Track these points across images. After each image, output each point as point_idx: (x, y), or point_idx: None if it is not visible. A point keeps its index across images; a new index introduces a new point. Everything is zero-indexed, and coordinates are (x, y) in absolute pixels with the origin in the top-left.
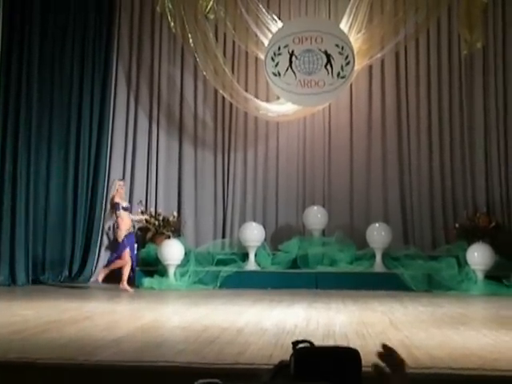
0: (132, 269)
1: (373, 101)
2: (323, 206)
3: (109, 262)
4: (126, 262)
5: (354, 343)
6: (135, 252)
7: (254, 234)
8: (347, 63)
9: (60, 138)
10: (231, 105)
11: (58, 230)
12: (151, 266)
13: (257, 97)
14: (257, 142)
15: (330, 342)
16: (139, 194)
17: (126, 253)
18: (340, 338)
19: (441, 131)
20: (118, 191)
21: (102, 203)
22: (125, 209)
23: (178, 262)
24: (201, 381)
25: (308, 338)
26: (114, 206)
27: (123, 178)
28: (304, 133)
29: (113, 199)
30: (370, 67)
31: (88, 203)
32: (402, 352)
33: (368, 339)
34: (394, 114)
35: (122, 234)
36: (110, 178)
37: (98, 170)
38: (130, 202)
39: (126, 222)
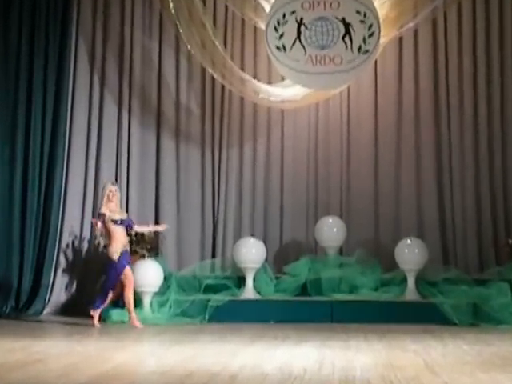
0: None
1: (403, 82)
2: (340, 217)
3: (104, 290)
4: (130, 284)
5: None
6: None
7: (252, 252)
8: (371, 34)
9: (4, 131)
10: (223, 87)
11: (2, 248)
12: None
13: (256, 77)
14: (256, 135)
15: None
16: None
17: (128, 271)
18: None
19: (490, 122)
20: (109, 199)
21: (58, 213)
22: (116, 222)
23: (156, 288)
24: None
25: None
26: (100, 219)
27: (114, 184)
28: (316, 123)
29: (100, 209)
30: (400, 40)
31: (40, 213)
32: None
33: None
34: (431, 99)
35: (117, 249)
36: (69, 180)
37: (52, 170)
38: (94, 210)
39: (118, 238)
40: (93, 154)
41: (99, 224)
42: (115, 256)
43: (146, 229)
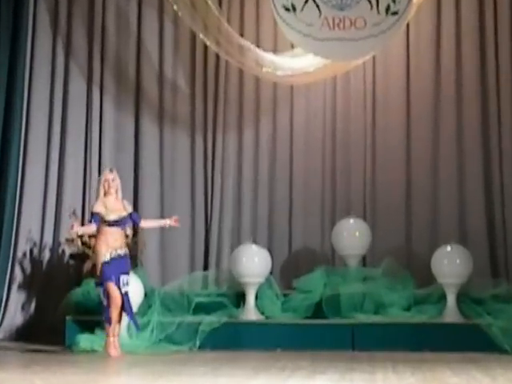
0: (124, 313)
1: (442, 51)
2: (364, 219)
3: (103, 310)
4: (113, 302)
5: None
6: (124, 288)
7: (254, 263)
8: None
9: None
10: (218, 58)
11: None
12: (91, 315)
13: (258, 45)
14: (258, 117)
15: None
16: (71, 197)
17: (110, 287)
18: None
19: None
20: (105, 190)
21: (12, 213)
22: (110, 223)
23: (134, 308)
24: None
25: None
26: (91, 216)
27: (111, 170)
28: (333, 103)
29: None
30: None
31: None
32: None
33: None
34: (476, 71)
35: (101, 258)
36: (26, 171)
37: (5, 158)
38: (58, 209)
39: (106, 240)
40: (56, 139)
41: (75, 227)
42: (99, 264)
43: (154, 224)
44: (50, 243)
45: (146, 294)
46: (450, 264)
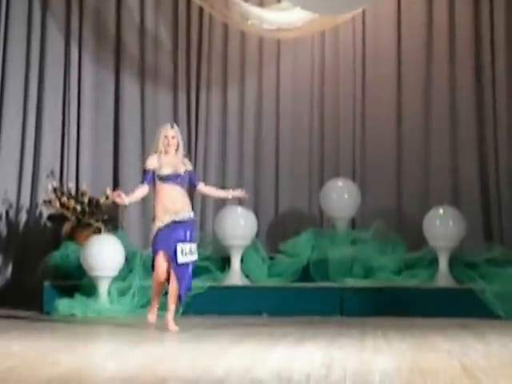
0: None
1: (434, 3)
2: (353, 180)
3: None
4: (157, 277)
5: None
6: (181, 259)
7: (239, 225)
8: None
9: None
10: (201, 11)
11: None
12: (70, 280)
13: None
14: (244, 74)
15: None
16: (48, 159)
17: (159, 258)
18: None
19: None
20: (164, 148)
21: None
22: (163, 178)
23: (115, 272)
24: None
25: None
26: (144, 174)
27: (172, 126)
28: (321, 59)
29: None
30: None
31: None
32: None
33: None
34: (469, 26)
35: (160, 218)
36: (1, 130)
37: None
38: (35, 170)
39: (162, 202)
40: (32, 97)
41: (121, 197)
42: (154, 228)
43: (215, 193)
44: (27, 205)
45: (126, 258)
46: (442, 226)
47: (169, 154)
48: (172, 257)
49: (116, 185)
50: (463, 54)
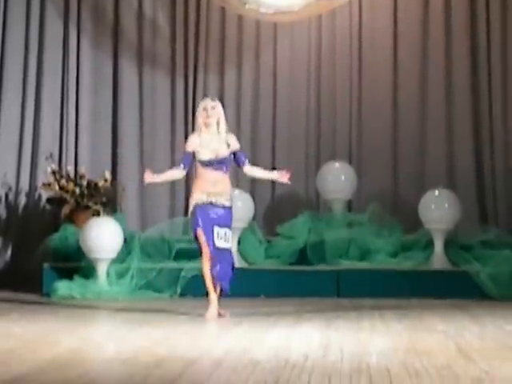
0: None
1: None
2: (349, 162)
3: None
4: (205, 256)
5: (400, 383)
6: (217, 242)
7: (236, 208)
8: None
9: None
10: None
11: None
12: (69, 262)
13: None
14: (241, 57)
15: (363, 381)
16: (47, 142)
17: (201, 236)
18: (378, 375)
19: None
20: (203, 116)
21: None
22: (204, 163)
23: (114, 254)
24: None
25: (327, 374)
26: (184, 156)
27: (213, 99)
28: (318, 42)
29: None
30: None
31: None
32: None
33: (424, 377)
34: (466, 10)
35: (197, 198)
36: (1, 113)
37: None
38: (34, 152)
39: (200, 183)
40: (31, 81)
41: (149, 176)
42: (191, 207)
43: (261, 174)
44: (27, 187)
45: (125, 240)
46: (438, 209)
47: (210, 128)
48: (210, 238)
49: (114, 168)
50: (459, 37)
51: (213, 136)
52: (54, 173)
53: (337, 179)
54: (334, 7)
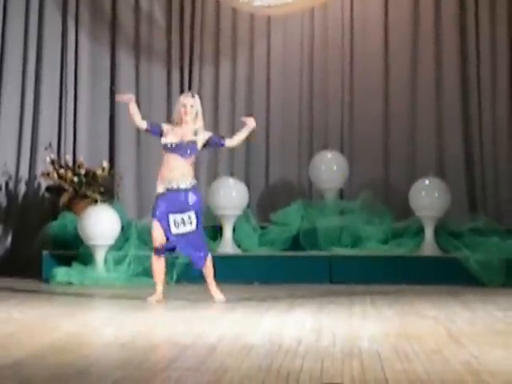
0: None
1: None
2: (341, 152)
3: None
4: (154, 246)
5: (391, 367)
6: (174, 230)
7: (231, 196)
8: None
9: None
10: None
11: None
12: (68, 249)
13: None
14: (235, 49)
15: (355, 365)
16: (46, 132)
17: (154, 228)
18: (370, 359)
19: None
20: (180, 112)
21: None
22: (168, 148)
23: (111, 241)
24: None
25: (320, 358)
26: (155, 124)
27: (193, 96)
28: (311, 35)
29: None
30: None
31: None
32: (468, 381)
33: (414, 361)
34: (455, 3)
35: (160, 185)
36: (1, 104)
37: None
38: (34, 142)
39: (165, 170)
40: (31, 72)
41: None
42: (155, 194)
43: (241, 136)
44: (26, 176)
45: (122, 228)
46: (428, 197)
47: (186, 125)
48: (166, 228)
49: (112, 157)
50: (449, 28)
51: (184, 128)
52: (52, 162)
53: (329, 168)
54: (326, 0)
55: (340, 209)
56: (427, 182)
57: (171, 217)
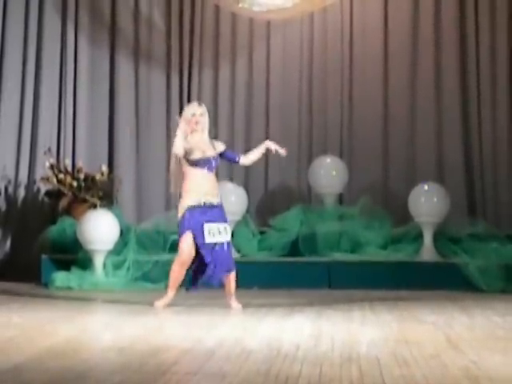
0: (196, 269)
1: None
2: (340, 157)
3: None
4: (181, 258)
5: (390, 373)
6: (208, 239)
7: (230, 201)
8: None
9: None
10: None
11: None
12: (67, 253)
13: None
14: (235, 53)
15: (353, 370)
16: (46, 136)
17: (184, 240)
18: (368, 364)
19: None
20: (193, 128)
21: None
22: (193, 163)
23: (110, 246)
24: None
25: (318, 363)
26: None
27: (200, 104)
28: (311, 39)
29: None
30: None
31: None
32: None
33: (413, 367)
34: (455, 8)
35: (187, 202)
36: (0, 108)
37: None
38: (33, 146)
39: (192, 187)
40: (30, 76)
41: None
42: (181, 212)
43: (257, 155)
44: (25, 181)
45: (121, 232)
46: (427, 202)
47: (196, 134)
48: (199, 238)
49: (111, 162)
50: (448, 33)
51: (198, 139)
52: (52, 166)
53: (328, 173)
54: (326, 4)
55: (339, 214)
56: (426, 187)
57: (206, 226)
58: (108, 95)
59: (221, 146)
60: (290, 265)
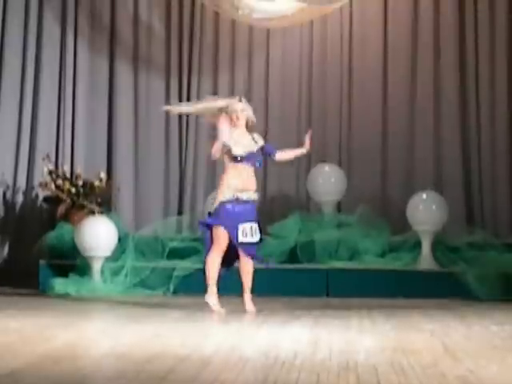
0: (227, 261)
1: None
2: (339, 165)
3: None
4: (217, 247)
5: (387, 381)
6: (241, 239)
7: None
8: None
9: None
10: (193, 0)
11: None
12: (65, 259)
13: None
14: (234, 61)
15: (351, 379)
16: (44, 142)
17: (219, 231)
18: (366, 372)
19: None
20: (235, 124)
21: None
22: (236, 159)
23: (108, 252)
24: None
25: (316, 371)
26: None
27: (240, 100)
28: (310, 48)
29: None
30: None
31: None
32: None
33: (410, 375)
34: (455, 21)
35: (224, 195)
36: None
37: None
38: (31, 152)
39: (230, 180)
40: (29, 82)
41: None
42: (216, 202)
43: (291, 155)
44: (24, 187)
45: (119, 239)
46: (426, 211)
47: (239, 129)
48: (233, 235)
49: (109, 168)
50: (448, 43)
51: (241, 134)
52: (50, 173)
53: (326, 181)
54: (326, 13)
55: (337, 222)
56: (424, 196)
57: (240, 226)
58: (107, 102)
59: (261, 140)
60: (288, 272)
